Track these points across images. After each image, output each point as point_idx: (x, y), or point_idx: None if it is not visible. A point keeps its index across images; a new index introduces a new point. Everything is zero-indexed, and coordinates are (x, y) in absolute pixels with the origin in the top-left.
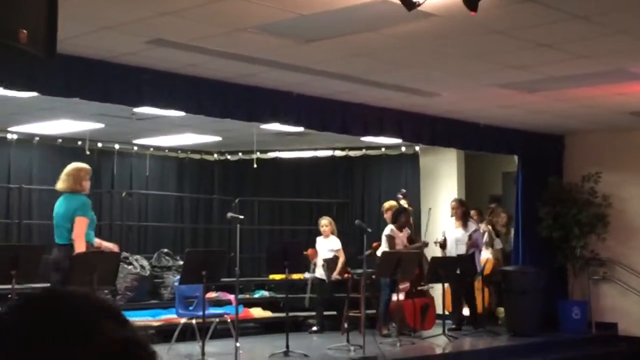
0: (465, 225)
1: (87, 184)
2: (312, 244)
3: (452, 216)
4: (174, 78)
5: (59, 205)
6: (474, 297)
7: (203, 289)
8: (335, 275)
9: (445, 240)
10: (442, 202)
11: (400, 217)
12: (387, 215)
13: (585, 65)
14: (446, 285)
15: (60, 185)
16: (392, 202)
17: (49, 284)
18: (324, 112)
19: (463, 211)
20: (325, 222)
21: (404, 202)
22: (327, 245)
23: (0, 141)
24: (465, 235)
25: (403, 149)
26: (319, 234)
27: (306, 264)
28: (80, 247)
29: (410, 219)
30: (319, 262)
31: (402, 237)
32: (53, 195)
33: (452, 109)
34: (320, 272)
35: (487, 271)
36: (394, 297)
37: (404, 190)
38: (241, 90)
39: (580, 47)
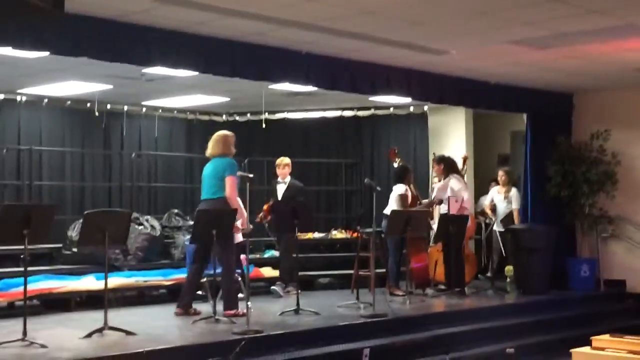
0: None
1: (233, 149)
2: (323, 204)
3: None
4: (182, 37)
5: (208, 167)
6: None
7: (213, 248)
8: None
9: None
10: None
11: (406, 176)
12: None
13: (595, 21)
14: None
15: (210, 151)
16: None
17: (60, 244)
18: (333, 71)
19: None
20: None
21: (397, 161)
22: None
23: (9, 103)
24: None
25: (411, 108)
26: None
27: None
28: (235, 204)
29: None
30: None
31: (409, 195)
32: (62, 156)
33: (461, 66)
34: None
35: (469, 232)
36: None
37: (393, 148)
38: (250, 49)
39: (591, 1)
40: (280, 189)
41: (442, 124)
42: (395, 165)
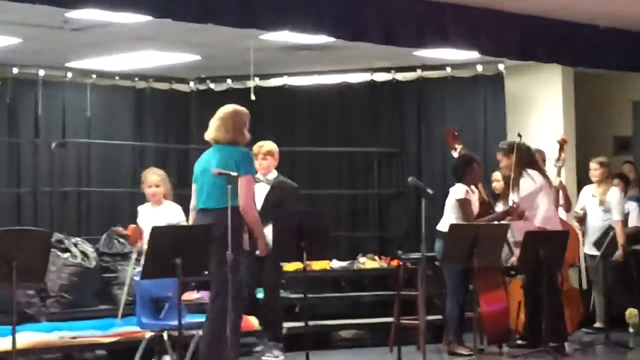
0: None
1: (248, 135)
2: (345, 216)
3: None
4: None
5: (210, 160)
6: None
7: (178, 286)
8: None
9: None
10: (539, 146)
11: (469, 170)
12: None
13: None
14: None
15: (213, 134)
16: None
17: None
18: (357, 12)
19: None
20: (155, 180)
21: (457, 148)
22: (157, 217)
23: None
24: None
25: (480, 68)
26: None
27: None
28: (253, 217)
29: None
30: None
31: (475, 199)
32: None
33: (555, 3)
34: None
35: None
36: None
37: (453, 128)
38: None
39: None
40: (261, 191)
41: (528, 91)
42: (455, 154)
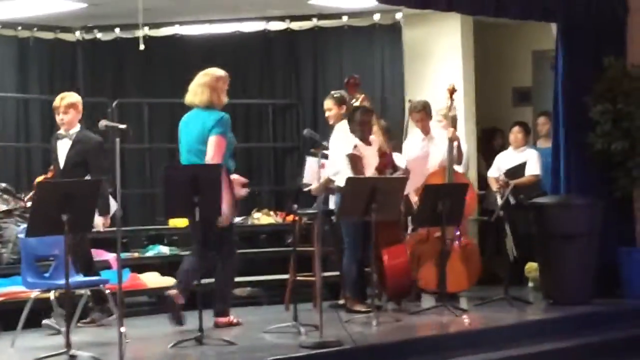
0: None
1: (225, 97)
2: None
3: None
4: None
5: (189, 124)
6: None
7: (65, 244)
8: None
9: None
10: (438, 98)
11: (357, 121)
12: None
13: None
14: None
15: (190, 97)
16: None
17: None
18: None
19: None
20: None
21: (359, 98)
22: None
23: None
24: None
25: (377, 17)
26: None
27: None
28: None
29: (378, 123)
30: None
31: (371, 152)
32: None
33: None
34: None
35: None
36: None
37: (354, 76)
38: None
39: None
40: (63, 147)
41: (426, 41)
42: (357, 104)
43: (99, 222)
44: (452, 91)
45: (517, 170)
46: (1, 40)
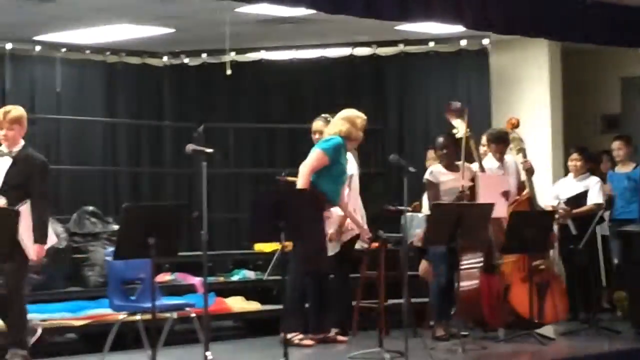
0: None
1: (360, 134)
2: None
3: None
4: None
5: None
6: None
7: (152, 267)
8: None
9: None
10: (525, 124)
11: (439, 146)
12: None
13: None
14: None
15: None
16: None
17: None
18: None
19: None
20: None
21: (458, 124)
22: None
23: None
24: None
25: (463, 42)
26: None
27: None
28: (299, 181)
29: (475, 149)
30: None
31: (455, 180)
32: None
33: None
34: None
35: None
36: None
37: (457, 104)
38: None
39: None
40: (2, 165)
41: (514, 67)
42: (455, 132)
43: (32, 251)
44: (513, 125)
45: (578, 199)
46: (90, 65)
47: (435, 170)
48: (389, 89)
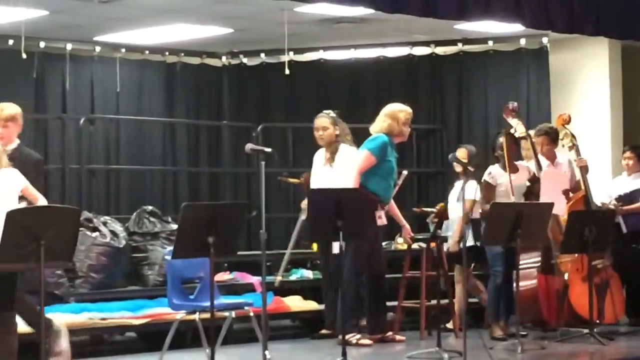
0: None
1: (405, 129)
2: None
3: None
4: None
5: None
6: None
7: (211, 266)
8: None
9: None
10: (585, 123)
11: (500, 146)
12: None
13: None
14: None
15: (372, 126)
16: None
17: None
18: None
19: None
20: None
21: (515, 123)
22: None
23: None
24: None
25: (523, 41)
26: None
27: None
28: (349, 183)
29: (532, 149)
30: None
31: (515, 180)
32: None
33: None
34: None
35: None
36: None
37: (514, 104)
38: None
39: None
40: None
41: (572, 66)
42: (512, 131)
43: None
44: (564, 121)
45: (631, 196)
46: (149, 66)
47: (494, 172)
48: (447, 88)
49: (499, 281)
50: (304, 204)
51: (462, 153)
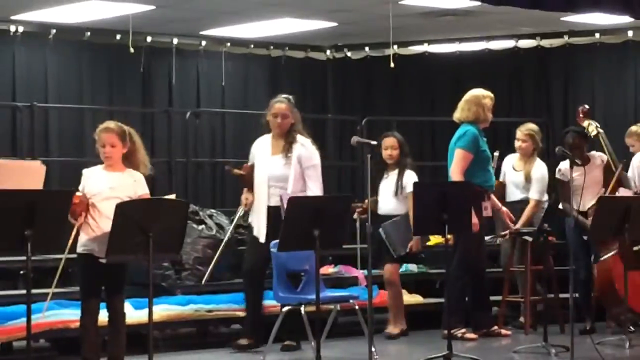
0: None
1: (490, 115)
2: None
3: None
4: None
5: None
6: None
7: (316, 259)
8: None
9: None
10: None
11: (569, 144)
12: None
13: None
14: None
15: (457, 114)
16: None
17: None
18: None
19: None
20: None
21: (587, 124)
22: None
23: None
24: None
25: (630, 33)
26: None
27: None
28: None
29: (605, 146)
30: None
31: (580, 175)
32: (79, 117)
33: None
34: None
35: None
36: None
37: (585, 107)
38: None
39: None
40: None
41: None
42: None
43: None
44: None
45: None
46: (254, 60)
47: (563, 169)
48: (553, 81)
49: (580, 275)
50: (244, 197)
51: (391, 142)
